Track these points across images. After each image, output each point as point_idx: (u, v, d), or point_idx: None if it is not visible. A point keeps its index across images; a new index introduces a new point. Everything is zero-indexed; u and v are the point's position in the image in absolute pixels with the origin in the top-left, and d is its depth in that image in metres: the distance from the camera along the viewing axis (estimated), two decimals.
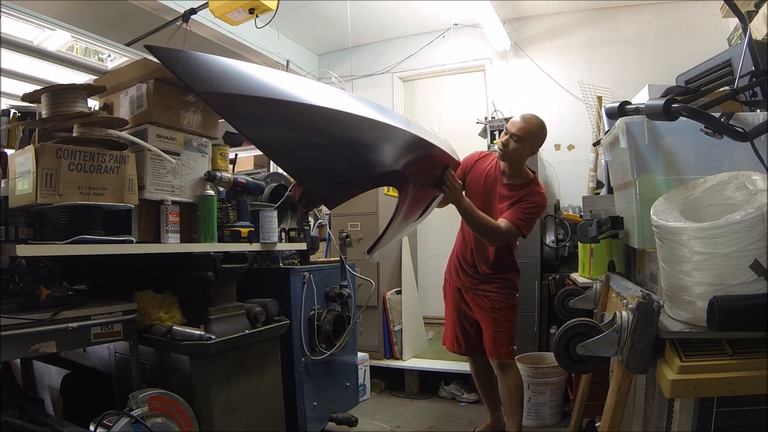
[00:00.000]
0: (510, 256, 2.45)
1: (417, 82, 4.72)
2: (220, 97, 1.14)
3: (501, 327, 2.38)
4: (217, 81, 1.13)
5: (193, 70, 1.12)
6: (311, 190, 1.49)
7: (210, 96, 1.15)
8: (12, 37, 2.55)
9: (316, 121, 1.30)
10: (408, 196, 1.78)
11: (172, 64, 1.11)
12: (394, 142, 1.55)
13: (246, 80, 1.17)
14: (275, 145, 1.27)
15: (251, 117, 1.19)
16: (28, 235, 1.63)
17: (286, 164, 1.40)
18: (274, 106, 1.20)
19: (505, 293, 2.41)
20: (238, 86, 1.15)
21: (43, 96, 1.68)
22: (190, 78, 1.12)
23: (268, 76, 1.24)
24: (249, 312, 2.05)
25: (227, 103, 1.15)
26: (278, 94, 1.22)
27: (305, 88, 1.36)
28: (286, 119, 1.25)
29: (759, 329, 1.03)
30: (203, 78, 1.12)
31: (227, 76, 1.15)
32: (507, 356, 2.40)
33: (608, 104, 1.71)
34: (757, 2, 1.98)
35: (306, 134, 1.31)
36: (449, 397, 3.38)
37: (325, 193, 1.51)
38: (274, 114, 1.21)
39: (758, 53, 1.58)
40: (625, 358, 1.15)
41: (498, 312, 2.39)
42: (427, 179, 1.97)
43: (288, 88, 1.25)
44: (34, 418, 1.90)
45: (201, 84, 1.12)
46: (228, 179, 2.02)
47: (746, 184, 1.16)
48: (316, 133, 1.32)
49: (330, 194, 1.52)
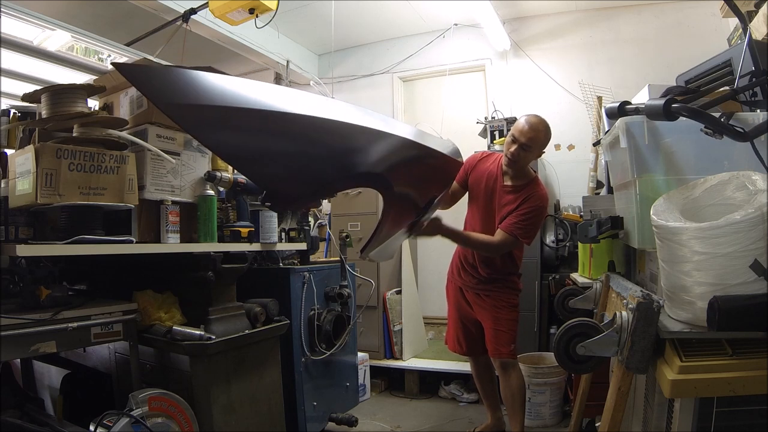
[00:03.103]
0: (510, 259, 2.44)
1: (417, 82, 4.72)
2: (176, 108, 1.16)
3: (502, 326, 2.37)
4: (175, 93, 1.15)
5: (154, 84, 1.15)
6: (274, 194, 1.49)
7: (167, 107, 1.17)
8: (12, 37, 2.55)
9: (276, 126, 1.31)
10: (393, 201, 1.76)
11: (134, 79, 1.15)
12: (363, 141, 1.53)
13: (203, 90, 1.19)
14: (234, 153, 1.29)
15: (207, 126, 1.21)
16: (28, 235, 1.63)
17: (247, 171, 1.41)
18: (228, 113, 1.21)
19: (506, 292, 2.41)
20: (196, 97, 1.17)
21: (43, 96, 1.68)
22: (151, 92, 1.16)
23: (225, 84, 1.25)
24: (249, 312, 2.05)
25: (183, 113, 1.17)
26: (235, 101, 1.23)
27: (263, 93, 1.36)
28: (243, 125, 1.26)
29: (759, 329, 1.03)
30: (163, 91, 1.15)
31: (186, 87, 1.17)
32: (509, 356, 2.39)
33: (608, 104, 1.71)
34: (757, 2, 1.98)
35: (265, 139, 1.32)
36: (449, 397, 3.38)
37: (291, 196, 1.52)
38: (229, 121, 1.23)
39: (758, 53, 1.58)
40: (625, 358, 1.15)
41: (499, 311, 2.38)
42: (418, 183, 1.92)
43: (246, 95, 1.26)
44: (34, 418, 1.90)
45: (160, 97, 1.15)
46: (228, 179, 2.02)
47: (746, 184, 1.16)
48: (276, 137, 1.33)
49: (296, 197, 1.53)
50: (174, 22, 2.99)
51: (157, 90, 1.15)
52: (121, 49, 2.87)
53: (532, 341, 3.28)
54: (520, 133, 2.24)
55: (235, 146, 1.27)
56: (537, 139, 2.24)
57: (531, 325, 3.30)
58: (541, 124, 2.26)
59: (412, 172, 1.79)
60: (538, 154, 2.35)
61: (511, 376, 2.40)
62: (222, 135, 1.24)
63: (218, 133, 1.23)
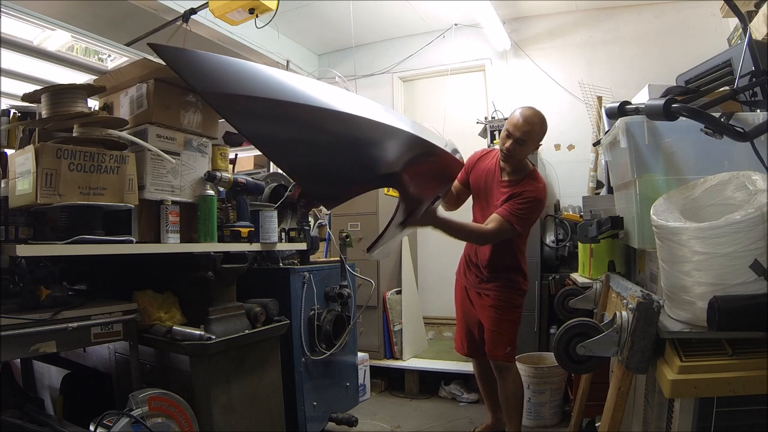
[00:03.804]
0: (513, 257, 2.36)
1: (417, 82, 4.72)
2: (221, 97, 1.14)
3: (500, 327, 2.32)
4: (218, 80, 1.13)
5: (195, 69, 1.12)
6: (310, 190, 1.48)
7: (211, 96, 1.15)
8: (12, 37, 2.55)
9: (317, 121, 1.30)
10: (407, 200, 1.76)
11: (174, 63, 1.10)
12: (395, 142, 1.54)
13: (247, 79, 1.17)
14: (275, 145, 1.27)
15: (251, 117, 1.18)
16: (28, 235, 1.63)
17: (286, 164, 1.39)
18: (274, 105, 1.19)
19: (506, 292, 2.35)
20: (239, 86, 1.15)
21: (43, 96, 1.68)
22: (192, 77, 1.11)
23: (268, 75, 1.24)
24: (249, 312, 2.05)
25: (227, 102, 1.14)
26: (279, 93, 1.21)
27: (306, 87, 1.35)
28: (286, 119, 1.24)
29: (759, 329, 1.03)
30: (205, 77, 1.12)
31: (228, 75, 1.15)
32: (504, 358, 2.33)
33: (608, 104, 1.71)
34: (757, 2, 1.98)
35: (306, 134, 1.30)
36: (449, 397, 3.38)
37: (324, 194, 1.51)
38: (273, 113, 1.21)
39: (758, 53, 1.58)
40: (625, 358, 1.15)
41: (499, 311, 2.33)
42: (427, 182, 1.94)
43: (288, 87, 1.25)
44: (34, 418, 1.91)
45: (202, 83, 1.12)
46: (228, 179, 2.02)
47: (746, 184, 1.16)
48: (317, 133, 1.32)
49: (328, 194, 1.52)
50: (174, 22, 2.99)
51: (198, 76, 1.11)
52: (121, 49, 2.87)
53: (532, 341, 3.29)
54: (514, 127, 2.18)
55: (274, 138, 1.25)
56: (532, 133, 2.17)
57: (531, 325, 3.30)
58: (536, 116, 2.19)
59: (421, 170, 1.81)
60: (534, 148, 2.27)
61: (506, 379, 2.36)
62: (262, 125, 1.21)
63: (259, 124, 1.20)
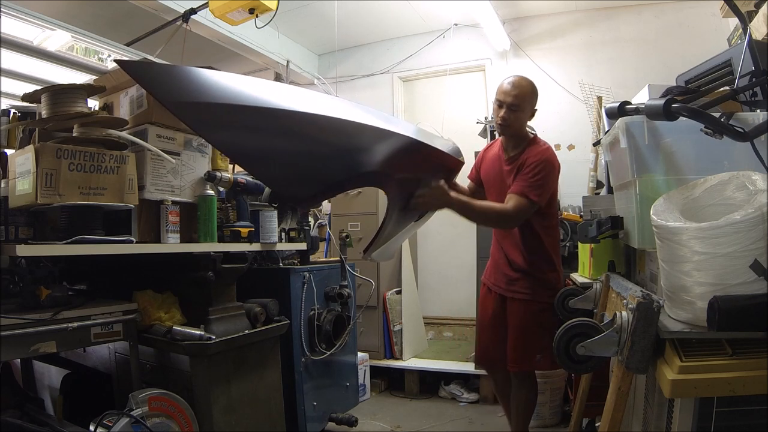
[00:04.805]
0: (542, 251, 2.15)
1: (417, 82, 4.72)
2: (184, 106, 1.15)
3: (527, 333, 2.12)
4: (182, 91, 1.14)
5: (160, 82, 1.13)
6: (280, 192, 1.48)
7: (174, 105, 1.16)
8: (12, 37, 2.55)
9: (282, 124, 1.29)
10: (395, 197, 1.75)
11: (139, 77, 1.14)
12: (366, 139, 1.51)
13: (209, 88, 1.18)
14: (241, 151, 1.28)
15: (213, 124, 1.19)
16: (28, 235, 1.63)
17: (254, 170, 1.40)
18: (235, 110, 1.20)
19: (539, 292, 2.13)
20: (201, 95, 1.15)
21: (43, 96, 1.68)
22: (157, 89, 1.14)
23: (231, 83, 1.23)
24: (249, 312, 2.05)
25: (191, 112, 1.16)
26: (240, 99, 1.21)
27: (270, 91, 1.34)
28: (251, 123, 1.24)
29: (759, 329, 1.03)
30: (169, 89, 1.13)
31: (192, 85, 1.16)
32: (526, 367, 2.14)
33: (608, 104, 1.71)
34: (757, 2, 1.98)
35: (271, 136, 1.30)
36: (449, 397, 3.38)
37: (296, 195, 1.50)
38: (235, 119, 1.21)
39: (758, 53, 1.58)
40: (625, 358, 1.15)
41: (525, 316, 2.13)
42: (416, 179, 1.86)
43: (249, 92, 1.25)
44: (34, 418, 1.90)
45: (166, 95, 1.14)
46: (228, 179, 2.02)
47: (746, 184, 1.16)
48: (281, 135, 1.31)
49: (300, 196, 1.51)
50: (174, 22, 2.99)
51: (161, 88, 1.13)
52: (121, 49, 2.87)
53: None
54: (504, 94, 2.09)
55: (240, 144, 1.26)
56: (524, 96, 2.08)
57: None
58: (524, 80, 2.12)
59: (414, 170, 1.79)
60: (530, 114, 2.15)
61: (525, 386, 2.20)
62: (228, 133, 1.22)
63: (224, 132, 1.22)
